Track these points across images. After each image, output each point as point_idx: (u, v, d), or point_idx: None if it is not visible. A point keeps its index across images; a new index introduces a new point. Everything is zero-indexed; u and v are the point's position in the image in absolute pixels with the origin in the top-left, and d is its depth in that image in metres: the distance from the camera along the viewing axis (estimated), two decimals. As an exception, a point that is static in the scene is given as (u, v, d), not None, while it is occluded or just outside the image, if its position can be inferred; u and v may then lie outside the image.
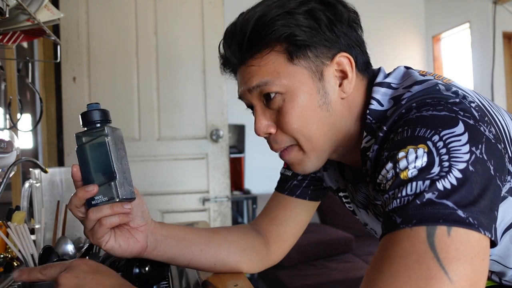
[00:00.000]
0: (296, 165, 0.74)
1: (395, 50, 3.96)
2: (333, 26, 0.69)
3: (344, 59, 0.70)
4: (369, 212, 0.82)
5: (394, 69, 0.73)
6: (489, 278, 0.80)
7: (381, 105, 0.69)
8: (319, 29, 0.68)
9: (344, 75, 0.70)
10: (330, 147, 0.73)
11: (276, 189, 0.94)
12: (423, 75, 0.68)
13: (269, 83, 0.68)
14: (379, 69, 0.74)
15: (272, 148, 0.74)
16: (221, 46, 0.75)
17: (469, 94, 0.63)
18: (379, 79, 0.71)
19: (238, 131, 3.38)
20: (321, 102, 0.69)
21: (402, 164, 0.54)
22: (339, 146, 0.74)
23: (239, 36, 0.70)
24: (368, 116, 0.69)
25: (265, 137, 0.74)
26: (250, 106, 0.75)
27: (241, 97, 0.76)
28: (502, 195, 0.62)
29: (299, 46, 0.67)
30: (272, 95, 0.69)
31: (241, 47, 0.70)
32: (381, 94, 0.69)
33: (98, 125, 0.64)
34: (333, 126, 0.71)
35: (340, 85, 0.70)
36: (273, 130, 0.72)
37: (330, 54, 0.69)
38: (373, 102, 0.69)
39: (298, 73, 0.68)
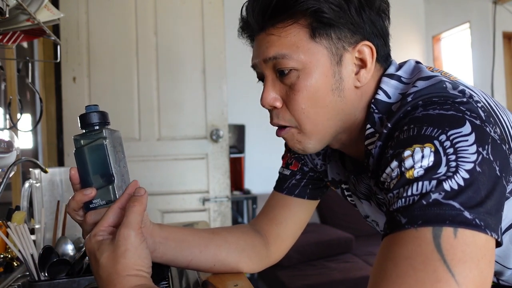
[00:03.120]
0: (295, 143, 0.72)
1: (395, 50, 3.88)
2: (362, 10, 0.67)
3: (366, 48, 0.68)
4: (372, 203, 0.81)
5: (405, 62, 0.72)
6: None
7: (389, 97, 0.68)
8: (347, 10, 0.66)
9: (363, 64, 0.69)
10: (335, 132, 0.71)
11: (275, 188, 0.94)
12: (431, 71, 0.67)
13: (287, 57, 0.66)
14: (391, 61, 0.74)
15: (272, 121, 0.73)
16: (244, 8, 0.73)
17: (475, 93, 0.63)
18: (390, 70, 0.71)
19: (238, 131, 3.38)
20: (334, 86, 0.68)
21: (408, 163, 0.53)
22: (344, 133, 0.73)
23: (266, 1, 0.67)
24: (372, 106, 0.69)
25: (268, 109, 0.72)
26: (261, 77, 0.74)
27: (254, 66, 0.74)
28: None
29: (324, 24, 0.65)
30: (287, 71, 0.67)
31: (265, 13, 0.68)
32: (390, 87, 0.68)
33: (97, 127, 0.63)
34: (341, 112, 0.69)
35: (357, 73, 0.69)
36: (279, 104, 0.70)
37: (353, 39, 0.67)
38: (380, 92, 0.69)
39: (317, 52, 0.67)
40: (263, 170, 3.43)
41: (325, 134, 0.71)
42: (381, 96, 0.68)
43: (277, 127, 0.73)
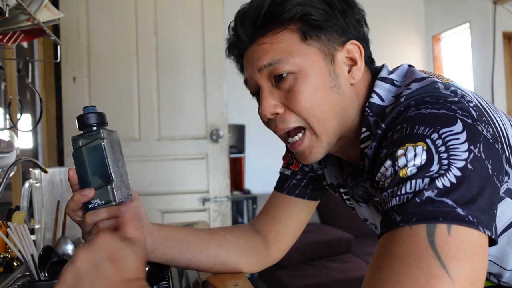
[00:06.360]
0: (307, 154, 0.72)
1: (395, 50, 3.96)
2: (345, 15, 0.70)
3: (353, 47, 0.71)
4: (370, 206, 0.82)
5: (398, 67, 0.74)
6: (487, 279, 0.80)
7: (382, 100, 0.69)
8: (333, 14, 0.69)
9: (353, 63, 0.72)
10: (339, 132, 0.72)
11: (275, 188, 0.94)
12: (424, 74, 0.68)
13: (282, 61, 0.68)
14: (383, 65, 0.75)
15: (276, 128, 0.72)
16: (231, 27, 0.75)
17: (467, 94, 0.64)
18: (383, 74, 0.72)
19: (238, 131, 3.38)
20: (332, 84, 0.70)
21: (401, 162, 0.54)
22: (344, 136, 0.73)
23: (254, 13, 0.69)
24: (367, 109, 0.70)
25: (269, 119, 0.72)
26: (255, 92, 0.74)
27: (247, 80, 0.74)
28: (499, 195, 0.63)
29: (313, 27, 0.68)
30: (284, 75, 0.68)
31: (255, 24, 0.69)
32: (383, 90, 0.70)
33: (94, 128, 0.64)
34: (342, 109, 0.71)
35: (349, 71, 0.71)
36: (280, 110, 0.70)
37: (341, 40, 0.70)
38: (374, 96, 0.70)
39: (311, 53, 0.69)
40: (263, 170, 3.44)
41: (332, 134, 0.71)
42: (375, 99, 0.70)
43: (289, 142, 0.73)
